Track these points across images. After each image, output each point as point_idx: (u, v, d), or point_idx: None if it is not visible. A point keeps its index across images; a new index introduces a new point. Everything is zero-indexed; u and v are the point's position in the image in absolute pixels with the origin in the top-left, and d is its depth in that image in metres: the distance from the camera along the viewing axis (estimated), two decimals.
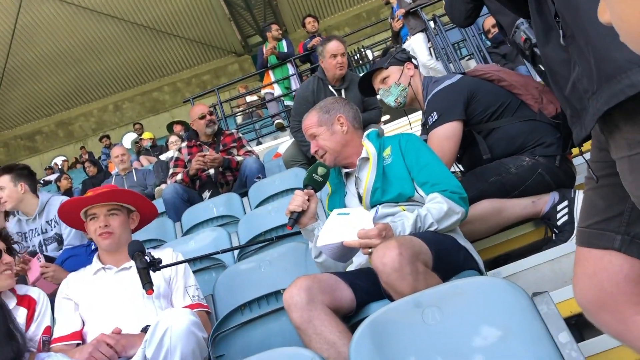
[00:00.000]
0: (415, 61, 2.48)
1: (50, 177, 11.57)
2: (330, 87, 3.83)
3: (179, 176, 3.84)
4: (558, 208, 2.08)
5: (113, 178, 5.68)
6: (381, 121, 4.45)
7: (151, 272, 1.78)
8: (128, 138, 15.19)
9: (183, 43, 14.92)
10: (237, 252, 2.64)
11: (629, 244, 1.03)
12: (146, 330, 1.71)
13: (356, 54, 11.21)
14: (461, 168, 2.45)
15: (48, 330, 1.93)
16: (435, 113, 2.22)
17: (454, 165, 2.37)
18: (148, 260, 1.78)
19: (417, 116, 4.43)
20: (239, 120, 9.40)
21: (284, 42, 7.17)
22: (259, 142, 7.45)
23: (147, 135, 9.35)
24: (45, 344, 1.87)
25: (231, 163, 3.84)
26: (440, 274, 1.52)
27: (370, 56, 10.96)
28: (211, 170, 3.83)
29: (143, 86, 16.25)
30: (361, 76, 2.63)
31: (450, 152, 2.18)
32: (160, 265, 1.82)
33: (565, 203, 2.07)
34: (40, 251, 2.93)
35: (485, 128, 2.22)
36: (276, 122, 7.33)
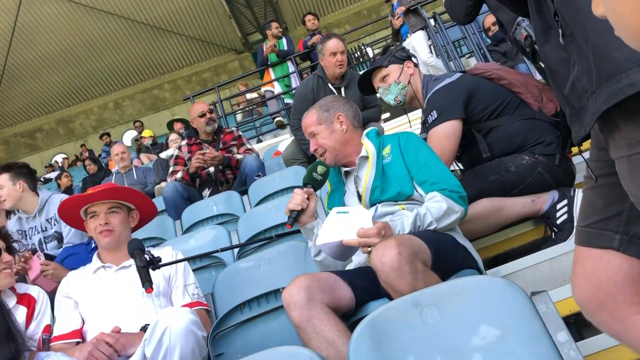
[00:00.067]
0: (415, 59, 2.47)
1: (50, 175, 11.57)
2: (330, 85, 3.82)
3: (179, 174, 3.84)
4: (557, 207, 2.08)
5: (113, 176, 5.67)
6: (381, 119, 4.44)
7: (151, 271, 1.78)
8: (128, 136, 15.19)
9: (183, 40, 14.90)
10: (237, 251, 2.64)
11: (628, 244, 1.03)
12: (145, 329, 1.71)
13: (356, 52, 11.20)
14: (461, 167, 2.45)
15: (48, 328, 1.93)
16: (434, 111, 2.21)
17: (454, 163, 2.36)
18: (148, 258, 1.79)
19: (417, 114, 4.43)
20: (239, 118, 9.39)
21: (284, 40, 7.16)
22: (259, 140, 7.45)
23: (147, 133, 9.33)
24: (45, 343, 1.87)
25: (231, 161, 3.84)
26: (439, 273, 1.51)
27: (370, 54, 10.95)
28: (211, 168, 3.83)
29: (143, 84, 16.24)
30: (361, 74, 2.62)
31: (449, 151, 2.17)
32: (159, 263, 1.83)
33: (564, 202, 2.07)
34: (40, 249, 2.93)
35: (484, 127, 2.22)
36: (276, 120, 7.32)
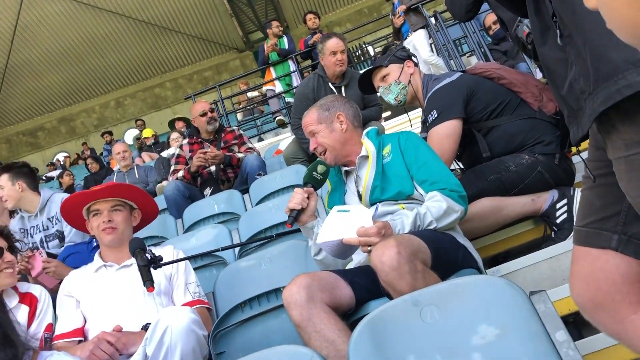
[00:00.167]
0: (415, 59, 2.47)
1: (52, 174, 11.60)
2: (330, 84, 3.82)
3: (180, 173, 3.85)
4: (557, 206, 2.08)
5: (115, 175, 5.69)
6: (382, 118, 4.44)
7: (152, 270, 1.79)
8: (130, 134, 15.19)
9: (185, 39, 14.91)
10: (238, 249, 2.65)
11: (626, 244, 1.03)
12: (147, 328, 1.72)
13: (357, 50, 11.19)
14: (461, 166, 2.45)
15: (50, 327, 1.94)
16: (435, 111, 2.21)
17: (454, 163, 2.37)
18: (149, 257, 1.80)
19: (418, 113, 4.43)
20: (240, 117, 9.39)
21: (285, 39, 7.16)
22: (260, 139, 7.46)
23: (147, 133, 9.29)
24: (47, 342, 1.88)
25: (232, 160, 3.85)
26: (439, 273, 1.52)
27: (371, 52, 10.94)
28: (212, 167, 3.84)
29: (145, 82, 16.26)
30: (361, 74, 2.62)
31: (450, 150, 2.18)
32: (161, 262, 1.83)
33: (564, 201, 2.07)
34: (41, 248, 2.94)
35: (484, 126, 2.22)
36: (277, 119, 7.32)
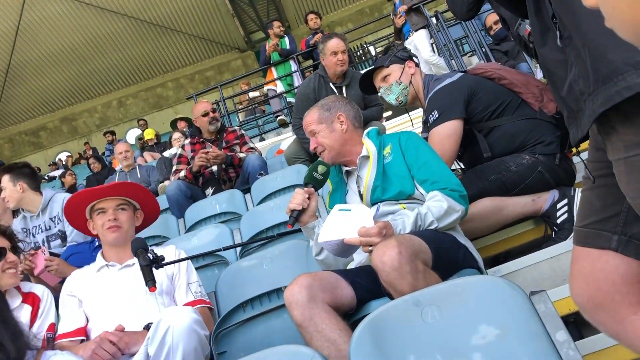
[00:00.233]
0: (416, 59, 2.48)
1: (54, 173, 11.62)
2: (331, 85, 3.83)
3: (182, 173, 3.86)
4: (558, 206, 2.08)
5: (117, 174, 5.70)
6: (383, 117, 4.44)
7: (154, 269, 1.80)
8: (132, 134, 15.20)
9: (186, 39, 14.92)
10: (239, 249, 2.65)
11: (626, 244, 1.03)
12: (149, 327, 1.72)
13: (359, 50, 11.19)
14: (462, 166, 2.46)
15: (52, 327, 1.94)
16: (436, 111, 2.22)
17: (455, 163, 2.37)
18: (151, 257, 1.80)
19: (419, 113, 4.41)
20: (241, 116, 9.39)
21: (287, 39, 7.15)
22: (262, 138, 7.47)
23: (149, 134, 9.28)
24: (49, 341, 1.89)
25: (234, 160, 3.86)
26: (440, 273, 1.52)
27: (372, 52, 10.94)
28: (214, 167, 3.85)
29: (147, 82, 16.28)
30: (362, 74, 2.63)
31: (450, 150, 2.18)
32: (163, 262, 1.84)
33: (565, 201, 2.08)
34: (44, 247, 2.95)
35: (485, 126, 2.22)
36: (279, 119, 7.33)
